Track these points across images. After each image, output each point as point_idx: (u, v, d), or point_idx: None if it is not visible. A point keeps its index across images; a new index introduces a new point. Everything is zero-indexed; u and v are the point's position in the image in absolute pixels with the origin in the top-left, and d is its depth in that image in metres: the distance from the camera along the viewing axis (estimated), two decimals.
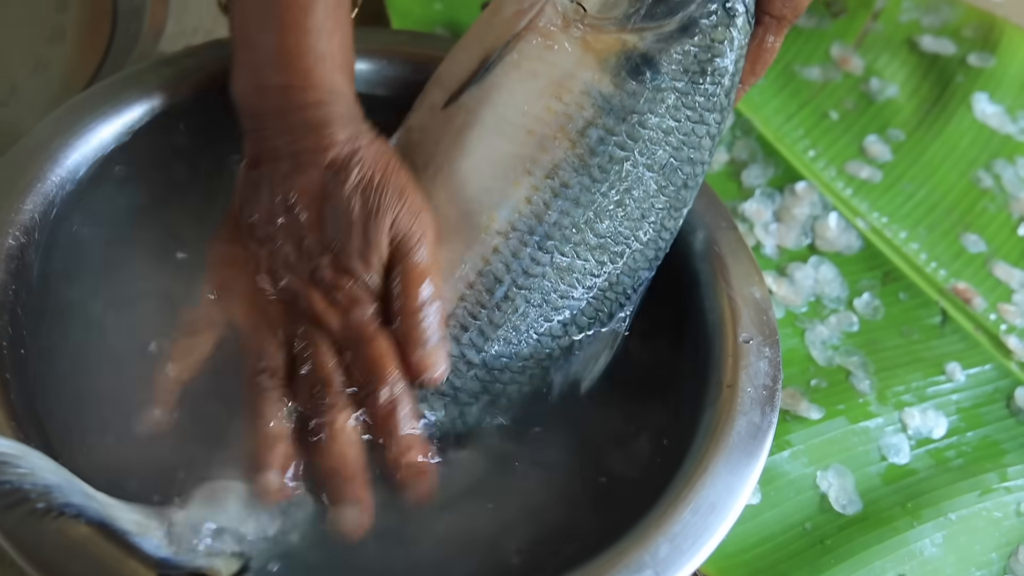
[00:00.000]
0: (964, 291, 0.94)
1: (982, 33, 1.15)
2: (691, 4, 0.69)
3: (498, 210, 0.67)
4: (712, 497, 0.62)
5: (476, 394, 0.67)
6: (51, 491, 0.54)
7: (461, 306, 0.67)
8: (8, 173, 0.70)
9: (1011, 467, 0.84)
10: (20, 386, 0.63)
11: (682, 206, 0.71)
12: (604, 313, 0.70)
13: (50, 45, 0.95)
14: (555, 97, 0.69)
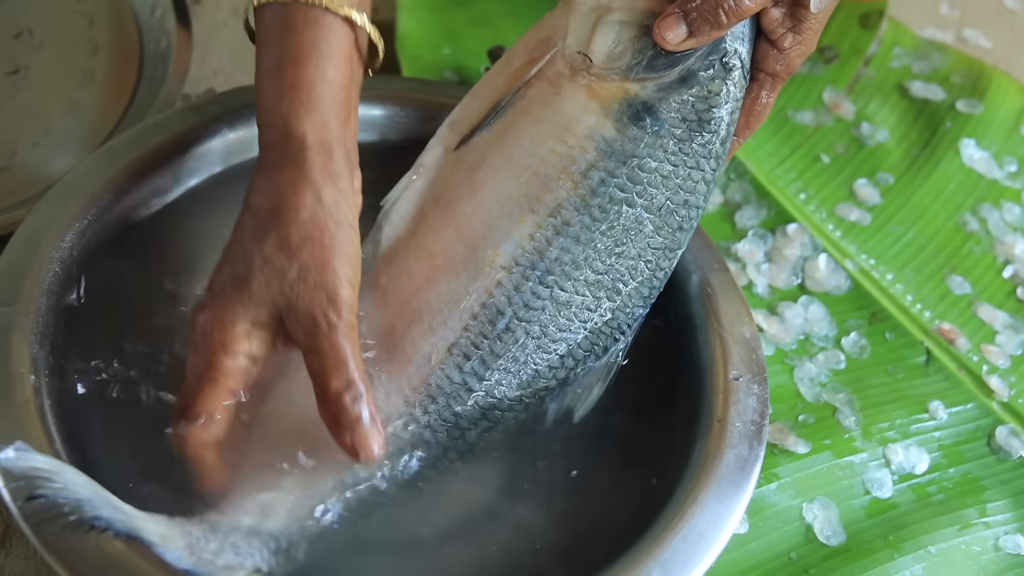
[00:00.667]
0: (948, 332, 0.98)
1: (971, 80, 1.18)
2: (690, 57, 0.74)
3: (502, 246, 0.72)
4: (701, 526, 0.66)
5: (475, 420, 0.71)
6: (83, 504, 0.59)
7: (464, 336, 0.71)
8: (50, 212, 0.75)
9: (990, 503, 0.87)
10: (58, 412, 0.68)
11: (677, 247, 0.76)
12: (599, 347, 0.74)
13: (82, 88, 1.01)
14: (560, 140, 0.73)
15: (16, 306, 0.71)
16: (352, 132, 0.72)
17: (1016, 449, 0.91)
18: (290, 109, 0.68)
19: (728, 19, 0.72)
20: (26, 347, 0.69)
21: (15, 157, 0.94)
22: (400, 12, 1.16)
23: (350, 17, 0.70)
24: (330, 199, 0.67)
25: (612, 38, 0.74)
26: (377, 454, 0.64)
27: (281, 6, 0.70)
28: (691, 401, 0.75)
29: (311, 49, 0.69)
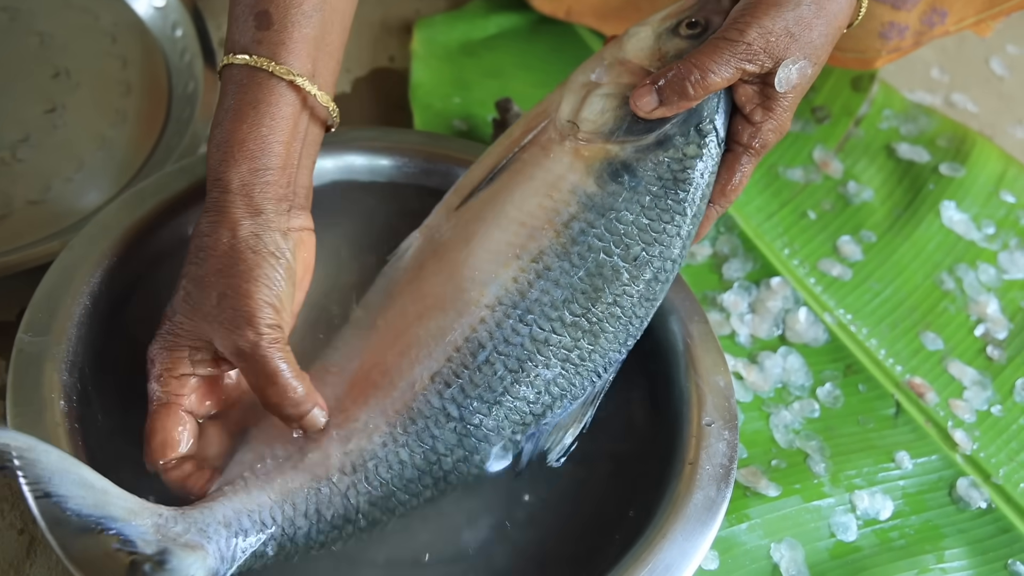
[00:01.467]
0: (919, 386, 1.04)
1: (955, 144, 1.22)
2: (667, 123, 0.81)
3: (488, 287, 0.78)
4: (668, 560, 0.72)
5: (452, 447, 0.76)
6: (44, 479, 0.64)
7: (447, 366, 0.77)
8: (82, 249, 0.82)
9: (948, 550, 0.92)
10: (84, 436, 0.74)
11: (653, 297, 0.82)
12: (576, 387, 0.79)
13: (113, 127, 1.07)
14: (547, 195, 0.80)
15: (48, 336, 0.77)
16: (294, 178, 0.77)
17: (975, 500, 0.96)
18: (220, 160, 0.75)
19: (694, 91, 0.78)
20: (56, 374, 0.76)
21: (49, 192, 1.00)
22: (414, 62, 1.22)
23: (294, 82, 0.76)
24: (247, 233, 0.74)
25: (598, 107, 0.81)
26: (321, 423, 0.74)
27: (239, 68, 0.76)
28: (666, 444, 0.81)
29: (249, 109, 0.75)
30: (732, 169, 0.83)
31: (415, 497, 0.76)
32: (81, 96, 1.08)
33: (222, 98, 0.77)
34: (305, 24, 0.77)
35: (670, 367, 0.86)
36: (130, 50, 1.13)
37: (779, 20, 0.78)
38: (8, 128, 1.04)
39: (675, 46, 0.81)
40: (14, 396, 0.74)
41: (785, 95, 0.80)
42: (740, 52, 0.78)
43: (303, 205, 0.79)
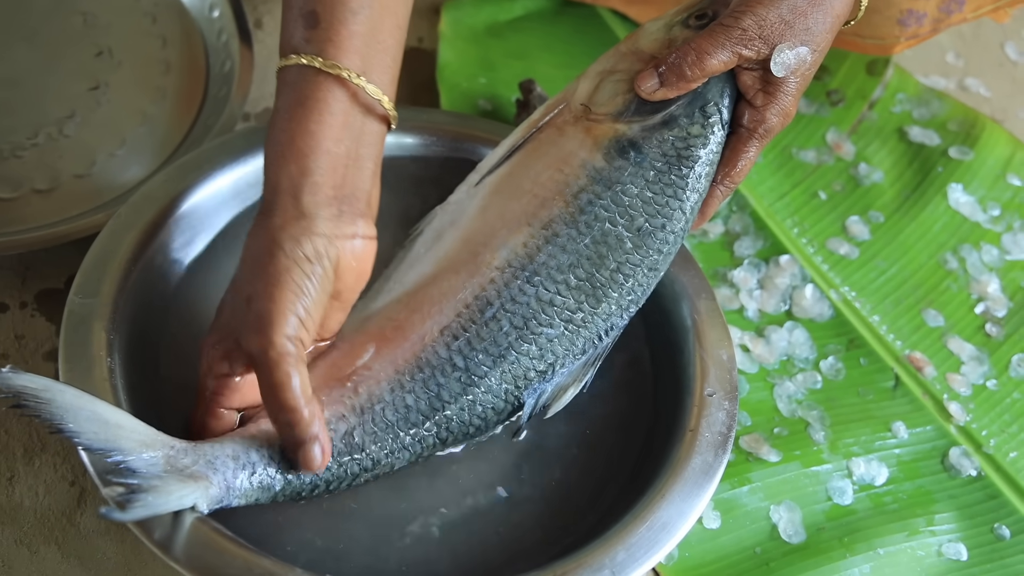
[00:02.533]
0: (918, 360, 1.08)
1: (965, 128, 1.25)
2: (672, 104, 0.86)
3: (499, 251, 0.84)
4: (665, 518, 0.78)
5: (456, 394, 0.81)
6: (57, 416, 0.70)
7: (456, 320, 0.82)
8: (130, 218, 0.89)
9: (938, 514, 0.97)
10: (129, 391, 0.81)
11: (655, 267, 0.87)
12: (577, 347, 0.84)
13: (154, 103, 1.12)
14: (558, 169, 0.86)
15: (97, 298, 0.83)
16: (349, 179, 0.78)
17: (966, 468, 1.01)
18: (271, 160, 0.77)
19: (692, 73, 0.84)
20: (104, 333, 0.82)
21: (94, 166, 1.05)
22: (441, 43, 1.27)
23: (341, 76, 0.76)
24: (286, 237, 0.74)
25: (610, 91, 0.87)
26: (317, 462, 0.74)
27: (290, 69, 0.78)
28: (670, 411, 0.87)
29: (297, 106, 0.77)
30: (736, 151, 0.88)
31: (419, 443, 0.80)
32: (123, 74, 1.13)
33: (276, 100, 0.78)
34: (352, 21, 0.77)
35: (678, 340, 0.91)
36: (169, 30, 1.18)
37: (773, 9, 0.83)
38: (55, 105, 1.09)
39: (683, 36, 0.87)
40: (66, 353, 0.80)
41: (786, 80, 0.84)
42: (735, 37, 0.83)
43: (362, 212, 0.78)
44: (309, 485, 0.77)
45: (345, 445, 0.78)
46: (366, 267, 0.80)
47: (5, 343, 0.98)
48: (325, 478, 0.78)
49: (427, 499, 0.84)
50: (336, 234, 0.76)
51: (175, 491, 0.71)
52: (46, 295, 1.01)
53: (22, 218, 1.01)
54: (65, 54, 1.14)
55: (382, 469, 0.80)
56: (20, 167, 1.04)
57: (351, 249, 0.77)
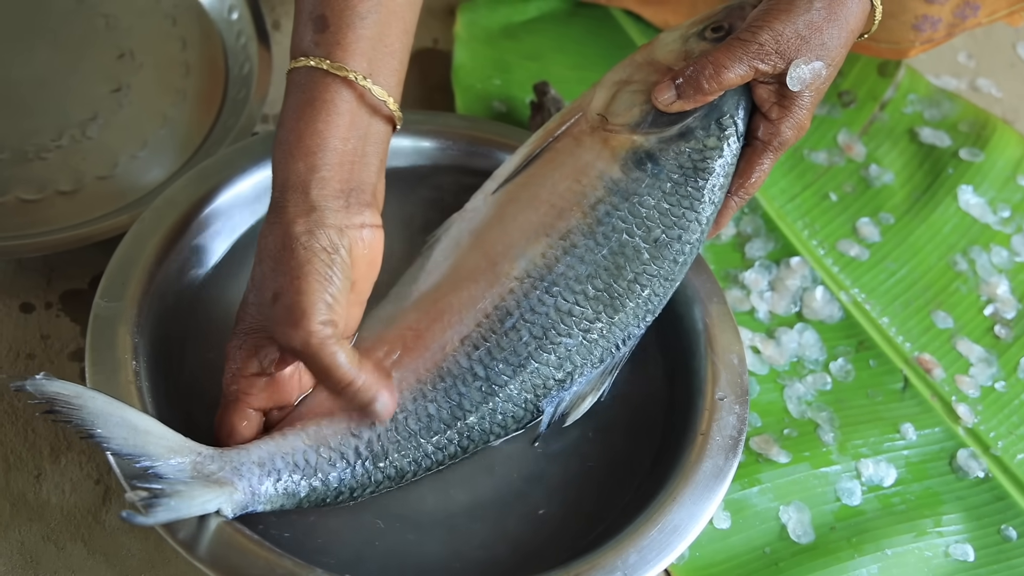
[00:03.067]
0: (927, 362, 1.09)
1: (976, 129, 1.26)
2: (688, 116, 0.87)
3: (518, 261, 0.86)
4: (676, 521, 0.80)
5: (477, 403, 0.83)
6: (88, 422, 0.72)
7: (476, 330, 0.84)
8: (153, 222, 0.90)
9: (946, 516, 0.99)
10: (154, 394, 0.83)
11: (672, 277, 0.88)
12: (595, 357, 0.86)
13: (174, 106, 1.13)
14: (576, 180, 0.88)
15: (122, 302, 0.85)
16: (355, 174, 0.80)
17: (974, 470, 1.02)
18: (280, 159, 0.79)
19: (709, 85, 0.85)
20: (129, 337, 0.84)
21: (116, 168, 1.07)
22: (457, 44, 1.28)
23: (348, 78, 0.78)
24: (300, 231, 0.76)
25: (626, 102, 0.88)
26: (387, 411, 0.78)
27: (299, 71, 0.80)
28: (682, 415, 0.89)
29: (306, 107, 0.79)
30: (751, 163, 0.89)
31: (440, 451, 0.82)
32: (144, 76, 1.15)
33: (284, 100, 0.81)
34: (360, 25, 0.79)
35: (689, 344, 0.93)
36: (189, 32, 1.19)
37: (789, 24, 0.84)
38: (78, 107, 1.11)
39: (700, 48, 0.88)
40: (92, 356, 0.82)
41: (801, 94, 0.86)
42: (752, 51, 0.85)
43: (368, 202, 0.80)
44: (334, 492, 0.79)
45: (368, 453, 0.80)
46: (376, 256, 0.81)
47: (31, 343, 1.00)
48: (349, 485, 0.80)
49: (440, 502, 0.85)
50: (346, 224, 0.78)
51: (199, 496, 0.73)
52: (71, 295, 1.03)
53: (46, 219, 1.03)
54: (87, 56, 1.16)
55: (406, 478, 0.82)
56: (44, 169, 1.06)
57: (361, 238, 0.79)
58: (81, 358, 0.99)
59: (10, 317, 1.01)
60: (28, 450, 0.93)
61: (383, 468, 0.81)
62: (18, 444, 0.94)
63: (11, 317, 1.01)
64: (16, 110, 1.10)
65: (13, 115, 1.10)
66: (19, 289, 1.03)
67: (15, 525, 0.90)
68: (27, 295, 1.03)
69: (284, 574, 0.75)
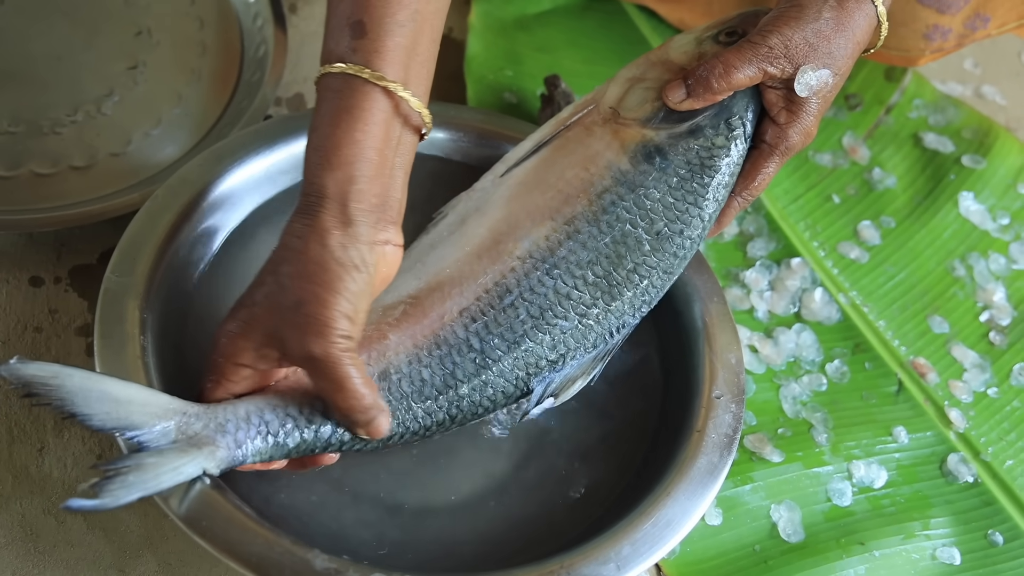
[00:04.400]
0: (921, 366, 1.11)
1: (979, 136, 1.27)
2: (699, 115, 0.89)
3: (522, 241, 0.87)
4: (669, 516, 0.82)
5: (470, 374, 0.84)
6: (67, 400, 0.71)
7: (475, 303, 0.85)
8: (166, 200, 0.92)
9: (934, 519, 1.01)
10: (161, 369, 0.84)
11: (671, 271, 0.90)
12: (589, 342, 0.87)
13: (189, 85, 1.15)
14: (584, 168, 0.89)
15: (132, 277, 0.87)
16: (387, 188, 0.80)
17: (963, 474, 1.04)
18: (316, 164, 0.79)
19: (718, 85, 0.87)
20: (138, 312, 0.85)
21: (130, 145, 1.08)
22: (470, 35, 1.29)
23: (387, 88, 0.78)
24: (336, 243, 0.77)
25: (639, 98, 0.90)
26: (385, 429, 0.78)
27: (335, 76, 0.79)
28: (679, 412, 0.90)
29: (344, 114, 0.78)
30: (757, 166, 0.91)
31: (429, 416, 0.83)
32: (161, 54, 1.16)
33: (319, 105, 0.80)
34: (398, 33, 0.79)
35: (688, 342, 0.94)
36: (207, 12, 1.20)
37: (799, 30, 0.86)
38: (94, 83, 1.12)
39: (713, 51, 0.90)
40: (101, 329, 0.84)
41: (808, 101, 0.88)
42: (762, 54, 0.86)
43: (394, 219, 0.81)
44: (323, 443, 0.80)
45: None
46: (392, 272, 0.82)
47: (39, 317, 1.01)
48: (339, 439, 0.80)
49: (434, 488, 0.87)
50: (374, 240, 0.79)
51: (172, 463, 0.72)
52: (80, 271, 1.04)
53: (59, 194, 1.04)
54: (105, 32, 1.17)
55: (392, 440, 0.83)
56: (59, 143, 1.07)
57: (384, 254, 0.80)
58: (88, 333, 1.00)
59: (19, 290, 1.03)
60: (32, 423, 0.95)
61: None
62: (22, 417, 0.95)
63: (20, 290, 1.03)
64: (33, 84, 1.11)
65: (30, 89, 1.11)
66: (29, 263, 1.04)
67: (16, 497, 0.91)
68: (37, 269, 1.04)
69: (282, 551, 0.76)
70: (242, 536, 0.77)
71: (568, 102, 1.16)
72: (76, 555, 0.89)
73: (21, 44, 1.14)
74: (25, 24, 1.15)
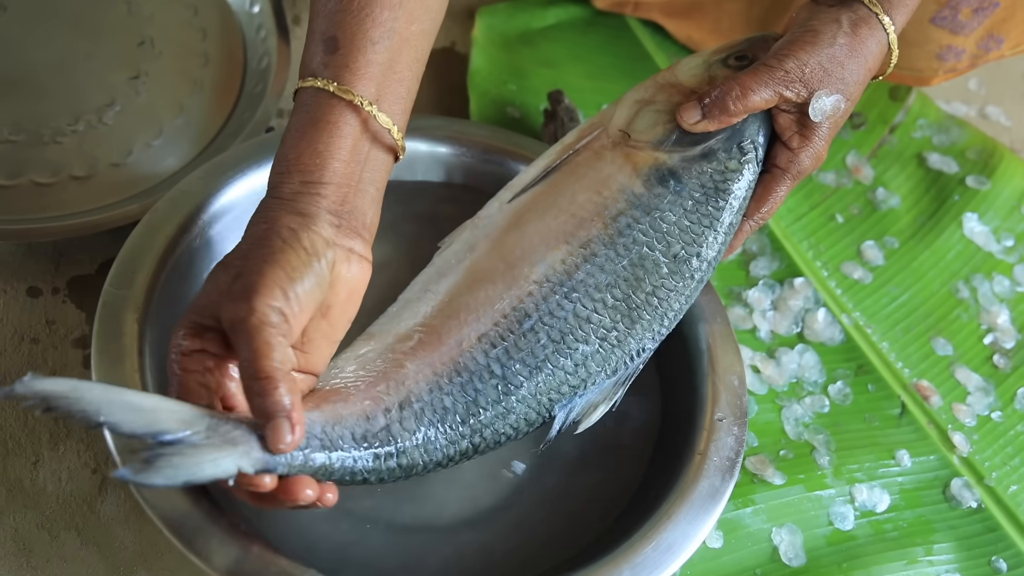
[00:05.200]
0: (925, 389, 1.10)
1: (984, 157, 1.27)
2: (711, 138, 0.89)
3: (537, 266, 0.86)
4: (671, 540, 0.81)
5: (493, 401, 0.83)
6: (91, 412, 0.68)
7: (494, 329, 0.84)
8: (166, 212, 0.91)
9: (937, 544, 1.00)
10: (159, 385, 0.83)
11: (688, 293, 0.89)
12: (610, 366, 0.86)
13: (191, 95, 1.14)
14: (597, 192, 0.88)
15: (131, 289, 0.86)
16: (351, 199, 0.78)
17: (967, 499, 1.03)
18: (278, 173, 0.78)
19: (735, 107, 0.87)
20: (136, 325, 0.85)
21: (130, 156, 1.08)
22: (474, 48, 1.29)
23: (354, 102, 0.77)
24: (283, 225, 0.74)
25: (649, 120, 0.90)
26: (286, 439, 0.69)
27: (307, 91, 0.79)
28: (681, 434, 0.89)
29: (309, 127, 0.78)
30: (769, 189, 0.91)
31: (452, 444, 0.81)
32: (163, 64, 1.16)
33: (290, 118, 0.80)
34: (370, 50, 0.79)
35: (691, 363, 0.93)
36: (210, 22, 1.20)
37: (814, 55, 0.86)
38: (96, 92, 1.12)
39: (723, 74, 0.90)
40: (98, 343, 0.83)
41: (820, 126, 0.88)
42: (778, 78, 0.86)
43: (359, 231, 0.79)
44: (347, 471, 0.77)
45: (383, 440, 0.79)
46: (359, 288, 0.80)
47: (36, 328, 1.00)
48: (362, 467, 0.78)
49: (434, 510, 0.87)
50: (336, 241, 0.77)
51: (210, 455, 0.70)
52: (78, 281, 1.04)
53: (59, 204, 1.03)
54: (107, 42, 1.16)
55: (415, 469, 0.81)
56: (60, 153, 1.07)
57: (347, 261, 0.78)
58: (85, 345, 0.99)
59: (16, 301, 1.02)
60: (27, 436, 0.94)
61: (395, 455, 0.79)
62: (17, 430, 0.94)
63: (17, 301, 1.02)
64: (34, 93, 1.11)
65: (31, 98, 1.11)
66: (27, 273, 1.03)
67: (10, 511, 0.90)
68: (35, 279, 1.03)
69: (278, 571, 0.75)
70: (238, 554, 0.76)
71: (571, 118, 1.15)
72: (70, 571, 0.89)
73: (23, 52, 1.13)
74: (27, 32, 1.15)
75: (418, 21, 0.81)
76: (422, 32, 0.82)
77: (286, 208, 0.76)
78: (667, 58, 1.32)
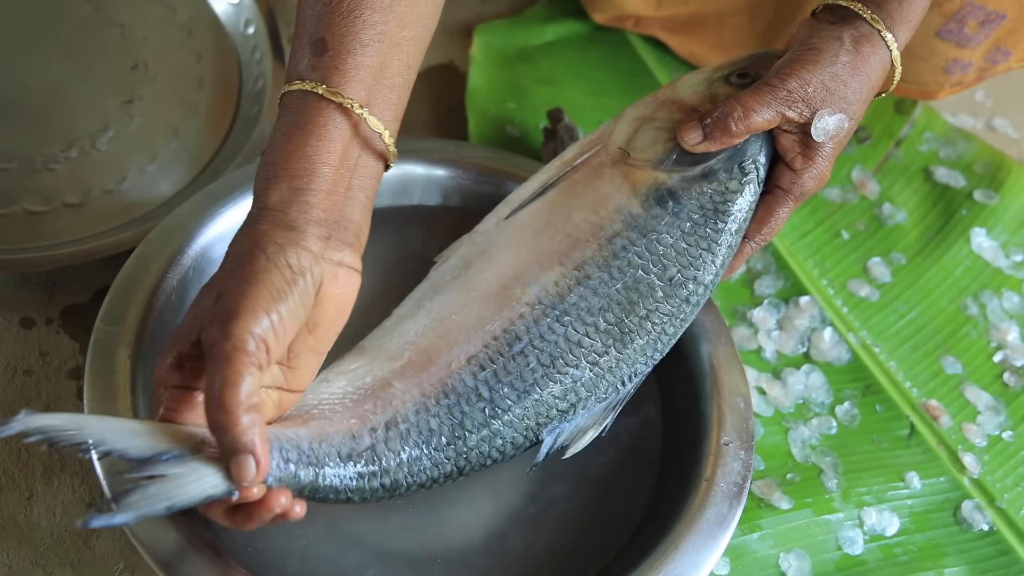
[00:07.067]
0: (934, 408, 1.08)
1: (991, 171, 1.25)
2: (712, 158, 0.87)
3: (530, 287, 0.85)
4: (679, 570, 0.79)
5: (479, 424, 0.81)
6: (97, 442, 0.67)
7: (484, 351, 0.83)
8: (159, 243, 0.90)
9: (948, 568, 0.98)
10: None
11: (683, 317, 0.88)
12: (600, 391, 0.85)
13: (185, 119, 1.13)
14: (593, 211, 0.87)
15: (124, 326, 0.84)
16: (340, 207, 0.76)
17: (978, 522, 1.01)
18: (264, 180, 0.75)
19: (737, 128, 0.85)
20: (129, 362, 0.83)
21: (124, 182, 1.06)
22: (472, 67, 1.27)
23: (343, 105, 0.74)
24: (269, 241, 0.71)
25: (649, 138, 0.88)
26: (248, 479, 0.67)
27: (294, 94, 0.76)
28: (686, 459, 0.87)
29: (297, 130, 0.75)
30: (771, 210, 0.89)
31: (437, 467, 0.80)
32: (157, 88, 1.14)
33: (276, 123, 0.77)
34: (361, 53, 0.76)
35: (695, 385, 0.92)
36: (204, 45, 1.19)
37: (816, 74, 0.85)
38: (89, 118, 1.10)
39: (725, 92, 0.88)
40: (91, 380, 0.81)
41: (823, 146, 0.86)
42: (781, 97, 0.85)
43: (350, 241, 0.76)
44: (331, 489, 0.76)
45: (367, 459, 0.78)
46: (347, 302, 0.77)
47: (29, 360, 0.99)
48: (346, 485, 0.77)
49: (435, 537, 0.85)
50: (323, 255, 0.74)
51: (193, 475, 0.69)
52: (72, 311, 1.02)
53: (52, 232, 1.02)
54: (101, 66, 1.15)
55: (399, 490, 0.80)
56: (52, 180, 1.06)
57: (335, 275, 0.75)
58: (79, 376, 0.98)
59: (10, 332, 1.00)
60: (21, 470, 0.93)
61: (379, 475, 0.78)
62: (11, 464, 0.93)
63: (11, 332, 1.00)
64: (27, 119, 1.10)
65: (24, 124, 1.09)
66: (20, 303, 1.02)
67: (3, 548, 0.89)
68: (28, 310, 1.02)
69: None
70: None
71: (572, 136, 1.13)
72: None
73: (15, 78, 1.12)
74: (19, 57, 1.14)
75: (410, 27, 0.79)
76: (414, 39, 0.80)
77: (274, 221, 0.73)
78: (668, 74, 1.31)
